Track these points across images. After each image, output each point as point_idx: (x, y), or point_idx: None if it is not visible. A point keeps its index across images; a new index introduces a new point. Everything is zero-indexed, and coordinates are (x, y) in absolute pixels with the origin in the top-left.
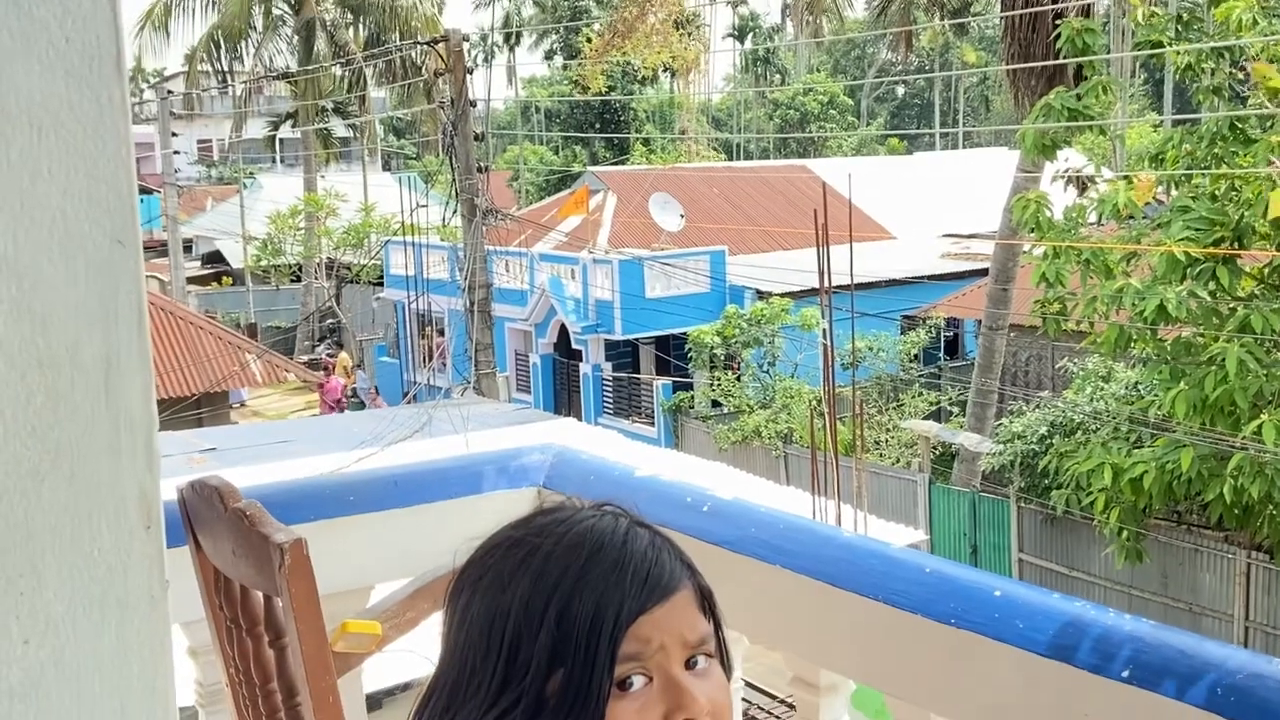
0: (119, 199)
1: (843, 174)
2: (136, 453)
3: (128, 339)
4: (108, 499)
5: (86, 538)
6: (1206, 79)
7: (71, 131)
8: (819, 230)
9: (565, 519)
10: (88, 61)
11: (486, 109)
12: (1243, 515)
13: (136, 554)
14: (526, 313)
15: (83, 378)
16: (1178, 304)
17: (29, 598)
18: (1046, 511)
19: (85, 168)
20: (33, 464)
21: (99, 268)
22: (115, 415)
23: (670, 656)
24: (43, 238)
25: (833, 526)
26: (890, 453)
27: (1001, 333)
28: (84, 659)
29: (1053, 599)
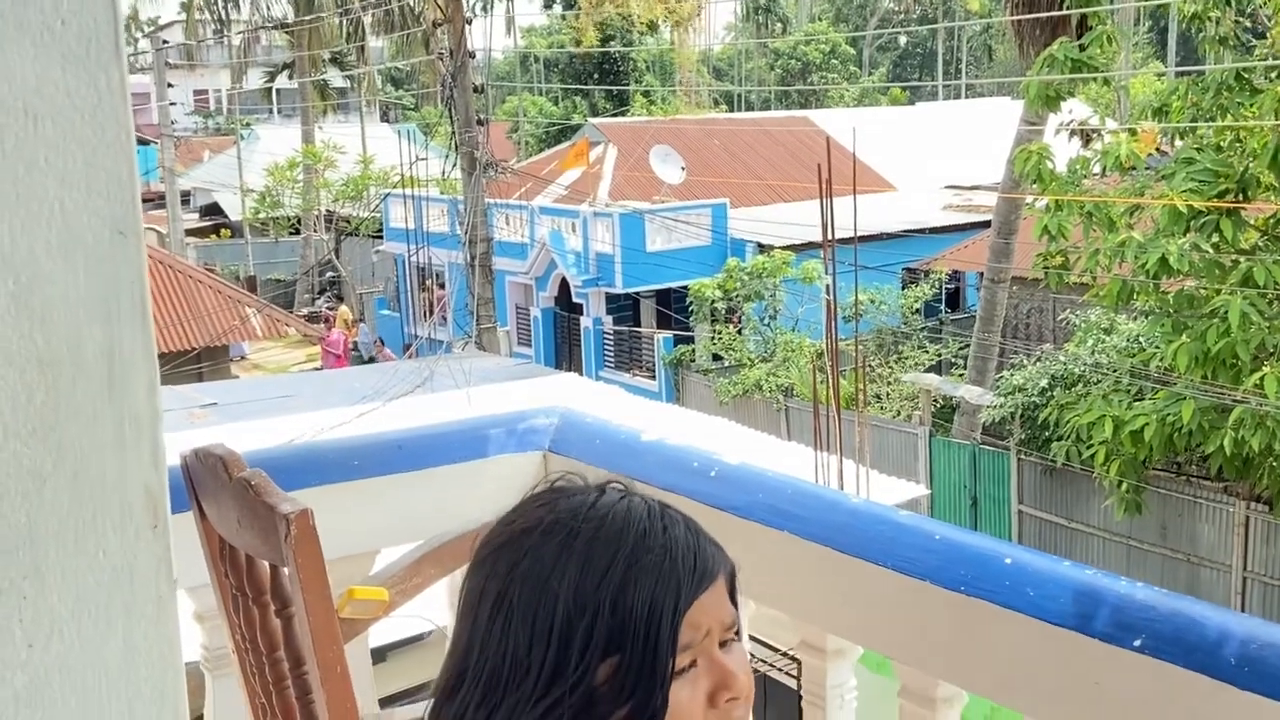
0: (119, 187)
1: (845, 125)
2: (142, 450)
3: (131, 333)
4: (113, 499)
5: (91, 539)
6: (1212, 28)
7: (69, 119)
8: (822, 183)
9: (596, 501)
10: (85, 45)
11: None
12: (1243, 467)
13: (143, 555)
14: (527, 266)
15: (84, 375)
16: (1180, 256)
17: (33, 601)
18: (1047, 464)
19: (84, 156)
20: (34, 464)
21: (99, 260)
22: (119, 413)
23: (713, 640)
24: (40, 230)
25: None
26: (891, 406)
27: (1003, 286)
28: (90, 663)
29: (1064, 566)
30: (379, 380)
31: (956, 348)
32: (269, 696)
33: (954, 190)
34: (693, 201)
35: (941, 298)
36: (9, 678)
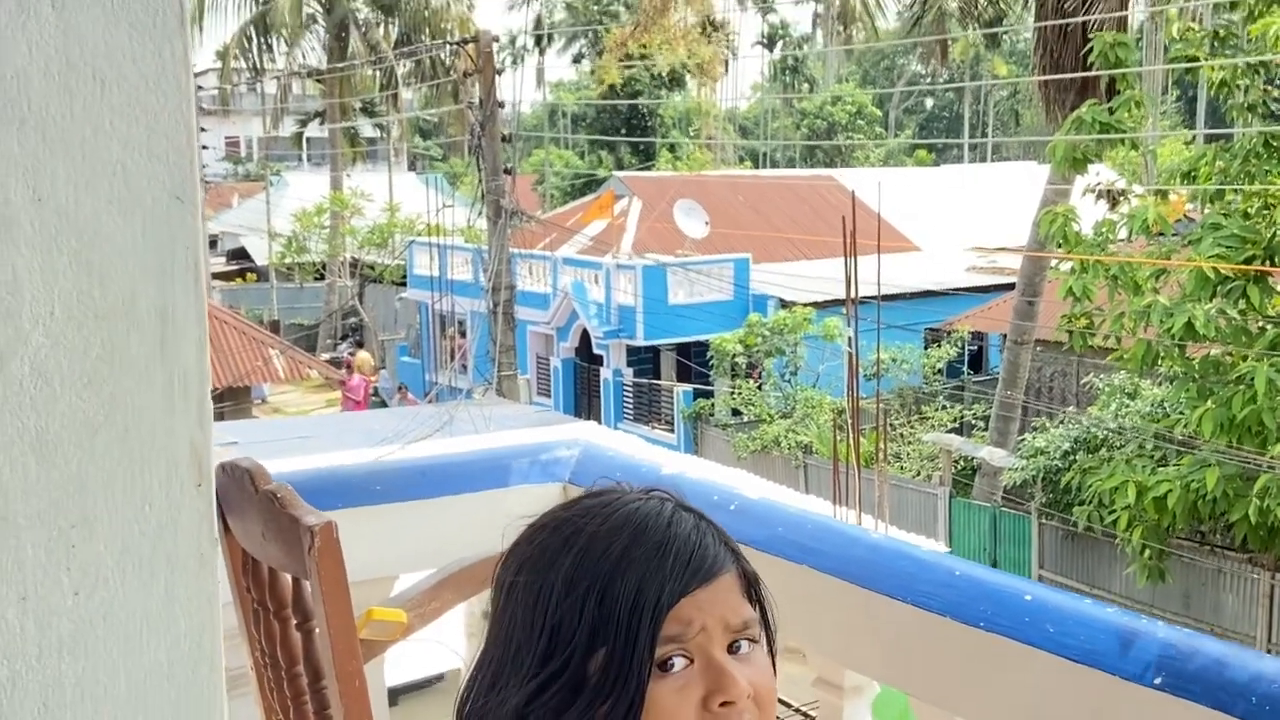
0: (179, 154)
1: (869, 184)
2: (190, 408)
3: (184, 293)
4: (161, 454)
5: (139, 492)
6: (1240, 96)
7: (134, 84)
8: (847, 239)
9: (611, 501)
10: (151, 14)
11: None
12: (1268, 537)
13: (187, 510)
14: (549, 316)
15: (138, 331)
16: (1206, 321)
17: (80, 550)
18: (1068, 528)
19: (146, 121)
20: (87, 416)
21: (157, 222)
22: (170, 370)
23: (712, 639)
24: (103, 191)
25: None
26: (911, 466)
27: (1027, 347)
28: (132, 613)
29: (1085, 604)
30: (399, 423)
31: (979, 409)
32: (287, 712)
33: (978, 251)
34: (715, 256)
35: (964, 358)
36: (55, 624)
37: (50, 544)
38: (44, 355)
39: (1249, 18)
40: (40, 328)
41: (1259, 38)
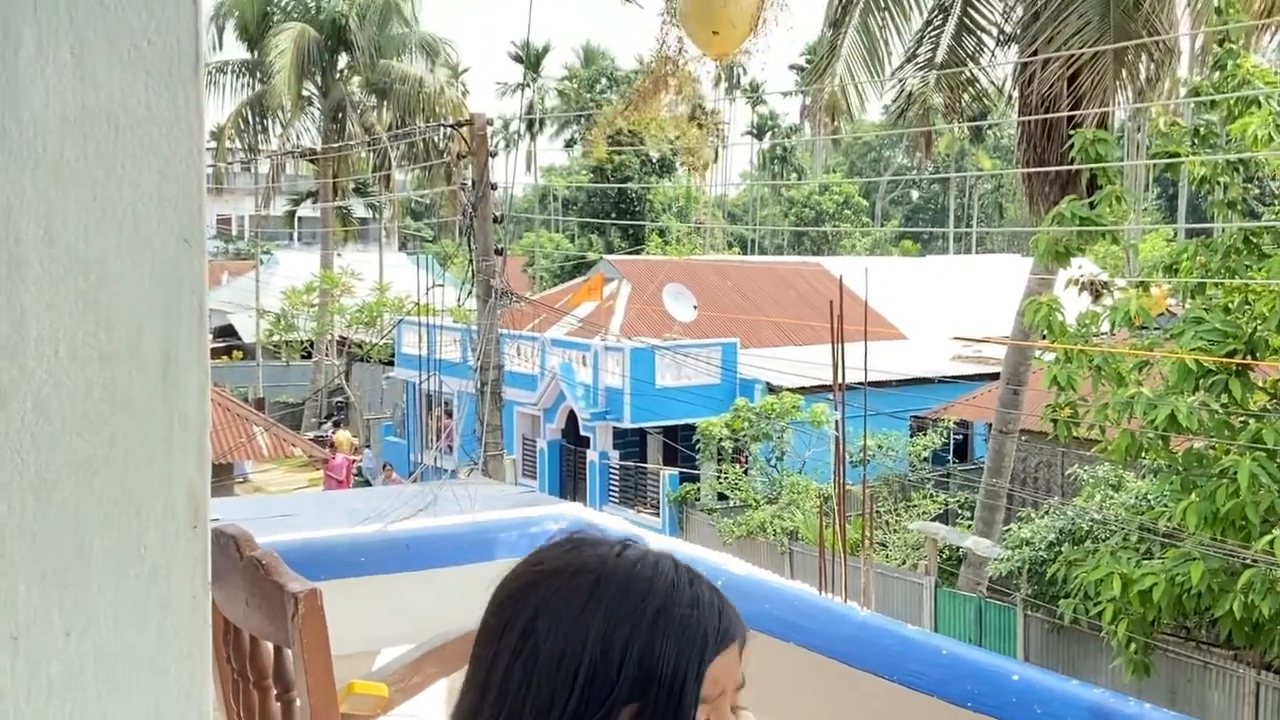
0: (188, 199)
1: (857, 271)
2: (189, 451)
3: (188, 337)
4: (158, 495)
5: (134, 533)
6: (1221, 192)
7: (147, 130)
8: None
9: (621, 552)
10: (167, 64)
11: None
12: (1253, 633)
13: (182, 553)
14: (536, 397)
15: (142, 373)
16: (1189, 414)
17: (74, 590)
18: (1054, 620)
19: (158, 166)
20: (87, 456)
21: (165, 265)
22: (170, 412)
23: (727, 700)
24: (112, 232)
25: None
26: (897, 554)
27: (1012, 436)
28: (123, 655)
29: (1072, 685)
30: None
31: (963, 498)
32: None
33: (963, 341)
34: (703, 340)
35: (950, 447)
36: (45, 665)
37: (44, 583)
38: (47, 394)
39: (1228, 117)
40: (44, 366)
41: (1238, 136)
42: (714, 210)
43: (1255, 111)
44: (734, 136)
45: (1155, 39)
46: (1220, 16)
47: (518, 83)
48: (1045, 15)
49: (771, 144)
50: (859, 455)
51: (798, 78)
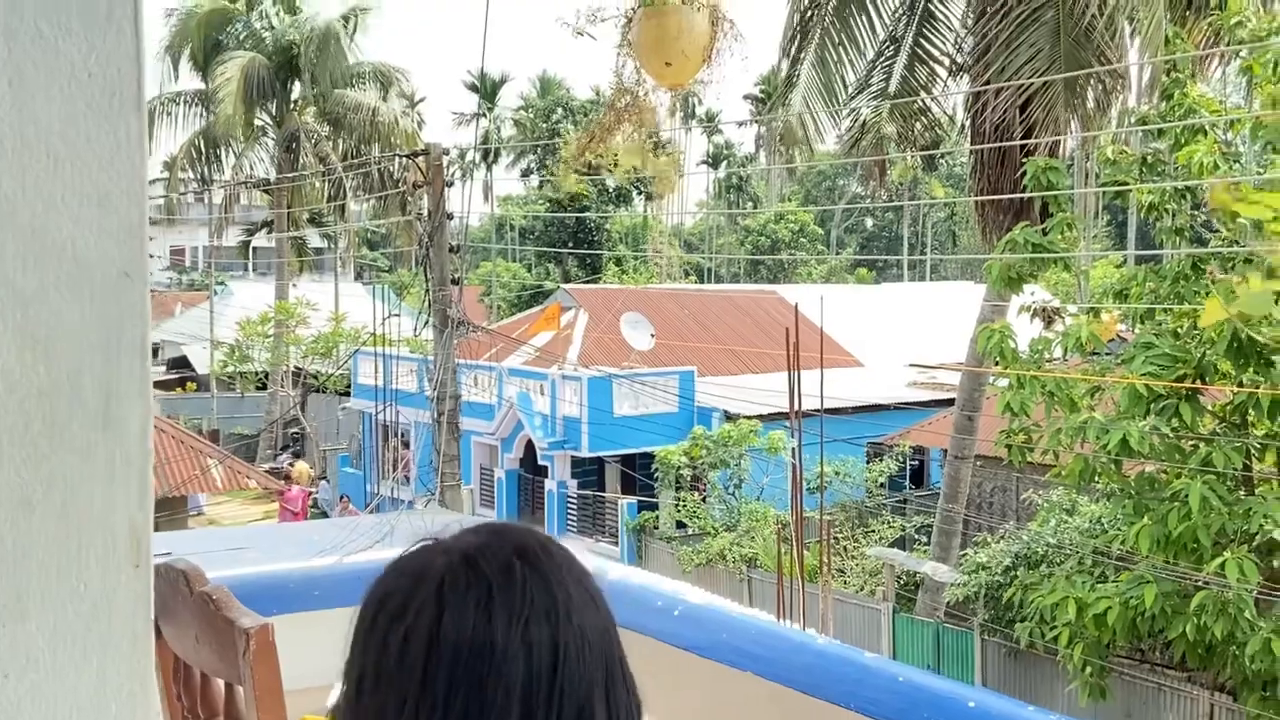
0: (129, 232)
1: (812, 299)
2: (130, 487)
3: (130, 371)
4: (99, 532)
5: (74, 571)
6: (1169, 219)
7: (87, 163)
8: (790, 352)
9: (558, 548)
10: (108, 96)
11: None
12: (1206, 654)
13: (124, 591)
14: (493, 427)
15: (82, 408)
16: (1141, 438)
17: (11, 630)
18: (1010, 645)
19: (98, 199)
20: (25, 493)
21: (105, 299)
22: (112, 447)
23: None
24: (51, 266)
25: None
26: (855, 580)
27: (967, 462)
28: (63, 697)
29: (1028, 711)
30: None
31: (920, 523)
32: None
33: (918, 368)
34: (661, 368)
35: (906, 473)
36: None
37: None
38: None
39: (1175, 145)
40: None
41: (1185, 164)
42: (670, 239)
43: (1201, 140)
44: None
45: (1105, 69)
46: (1168, 46)
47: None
48: (996, 45)
49: (727, 173)
50: (816, 482)
51: (752, 107)
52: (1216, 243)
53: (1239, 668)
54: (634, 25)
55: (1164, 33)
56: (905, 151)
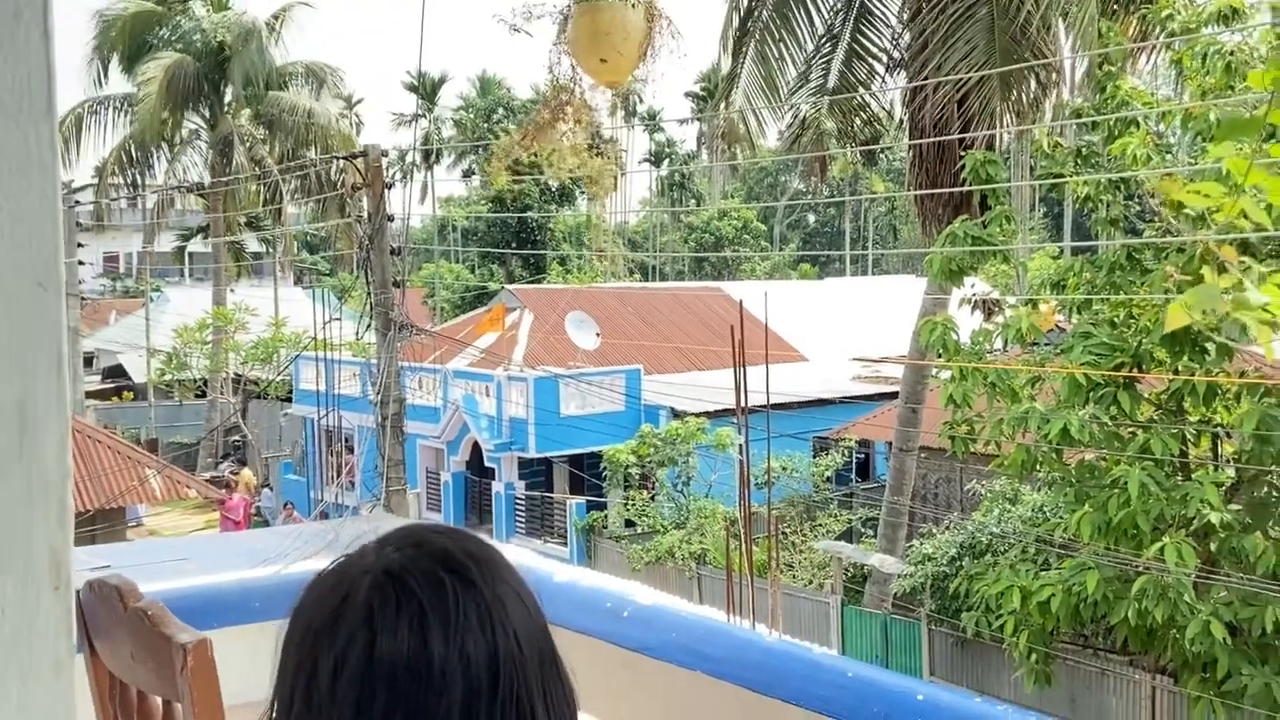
0: (43, 241)
1: (756, 296)
2: (49, 509)
3: (45, 386)
4: (16, 556)
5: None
6: (1104, 211)
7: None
8: (735, 349)
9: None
10: (17, 99)
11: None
12: (1147, 638)
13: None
14: (439, 430)
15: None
16: (1080, 427)
17: None
18: (957, 634)
19: (8, 207)
20: None
21: (18, 311)
22: (28, 468)
23: None
24: None
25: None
26: (803, 574)
27: (912, 454)
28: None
29: (975, 703)
30: (282, 542)
31: (866, 515)
32: None
33: (862, 361)
34: (607, 367)
35: (852, 466)
36: None
37: None
38: None
39: (1109, 138)
40: None
41: (1118, 156)
42: (615, 238)
43: (1134, 132)
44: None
45: (1039, 63)
46: (1100, 40)
47: (413, 113)
48: (933, 41)
49: (670, 171)
50: (763, 477)
51: (693, 105)
52: (1150, 233)
53: (1179, 651)
54: (569, 21)
55: (1096, 27)
56: (845, 147)
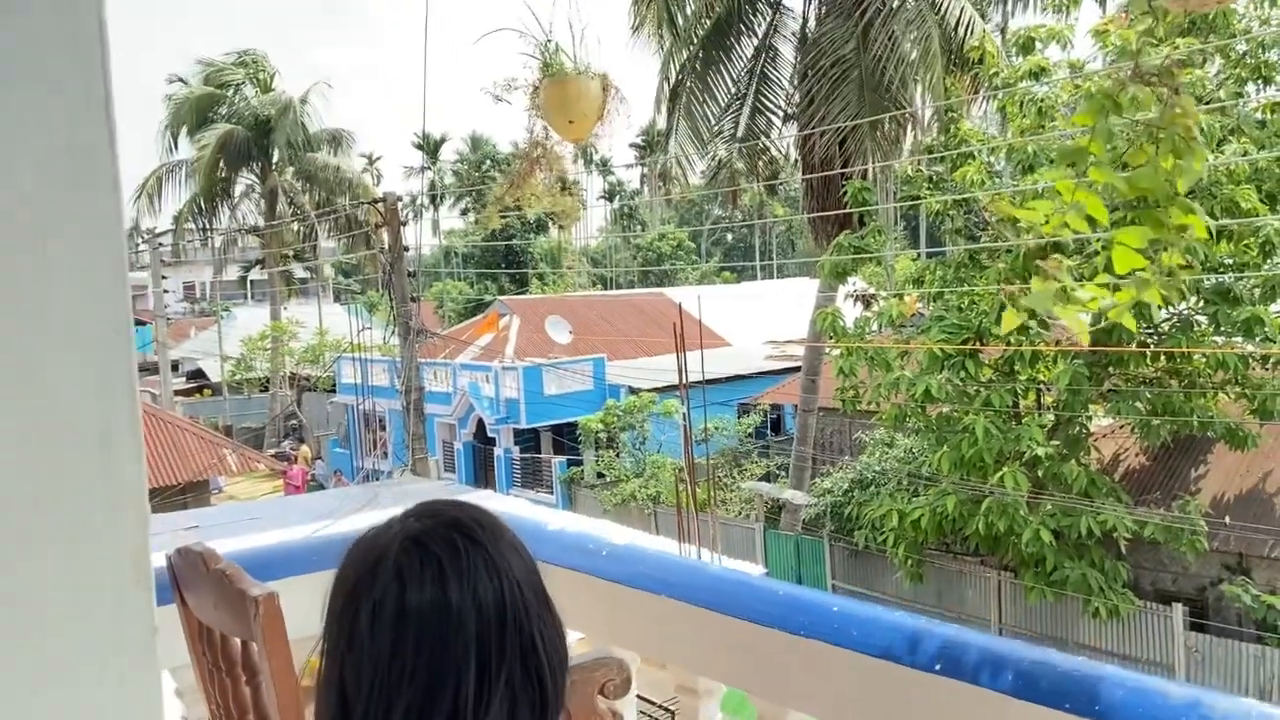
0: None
1: (691, 299)
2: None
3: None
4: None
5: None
6: (950, 223)
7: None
8: (677, 340)
9: (485, 517)
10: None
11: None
12: (993, 544)
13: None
14: (451, 410)
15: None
16: (939, 388)
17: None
18: (852, 547)
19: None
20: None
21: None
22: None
23: None
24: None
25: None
26: (735, 508)
27: (813, 414)
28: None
29: (879, 610)
30: (332, 502)
31: (780, 461)
32: None
33: (773, 344)
34: (579, 357)
35: (768, 425)
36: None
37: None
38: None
39: (953, 167)
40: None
41: (960, 180)
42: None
43: (971, 162)
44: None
45: (899, 113)
46: (945, 93)
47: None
48: (818, 98)
49: (620, 204)
50: (702, 436)
51: (636, 153)
52: (985, 239)
53: (1017, 552)
54: (540, 92)
55: (941, 83)
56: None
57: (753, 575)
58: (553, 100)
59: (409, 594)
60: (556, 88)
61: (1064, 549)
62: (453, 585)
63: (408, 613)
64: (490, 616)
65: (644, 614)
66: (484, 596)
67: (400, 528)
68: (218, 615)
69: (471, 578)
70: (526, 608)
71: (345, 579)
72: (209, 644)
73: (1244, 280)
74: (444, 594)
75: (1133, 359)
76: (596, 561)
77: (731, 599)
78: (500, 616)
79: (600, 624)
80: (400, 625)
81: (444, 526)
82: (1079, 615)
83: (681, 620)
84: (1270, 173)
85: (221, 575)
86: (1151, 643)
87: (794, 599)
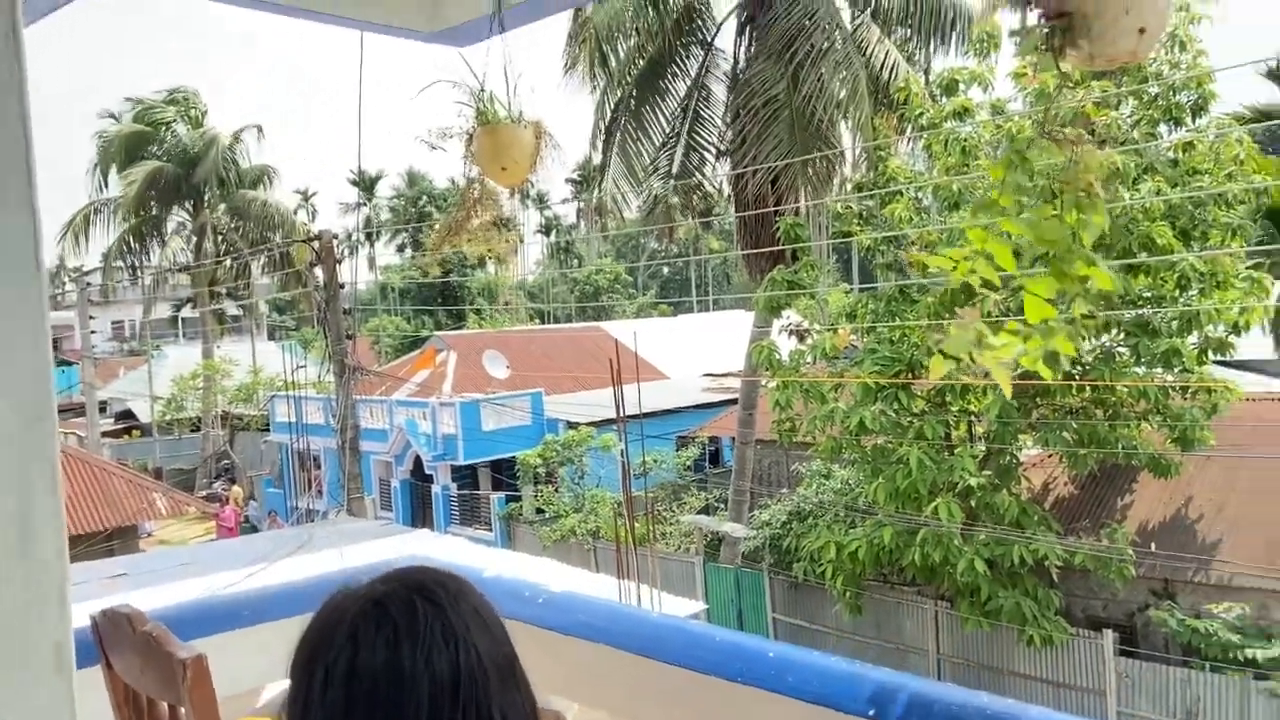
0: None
1: (628, 332)
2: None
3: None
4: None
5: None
6: (880, 258)
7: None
8: (614, 374)
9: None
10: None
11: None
12: (929, 574)
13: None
14: (387, 447)
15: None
16: (873, 419)
17: None
18: (791, 580)
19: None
20: None
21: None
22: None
23: None
24: None
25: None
26: (674, 541)
27: (750, 446)
28: None
29: (815, 655)
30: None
31: (719, 494)
32: None
33: (710, 376)
34: (516, 392)
35: (706, 457)
36: None
37: None
38: None
39: (882, 203)
40: None
41: (890, 217)
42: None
43: (900, 198)
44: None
45: (829, 152)
46: (873, 132)
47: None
48: (750, 136)
49: (557, 239)
50: (640, 469)
51: (572, 188)
52: (915, 274)
53: (953, 582)
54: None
55: (870, 122)
56: (687, 218)
57: (691, 622)
58: (487, 148)
59: (360, 656)
60: (490, 136)
61: (998, 578)
62: (405, 650)
63: (359, 674)
64: (445, 682)
65: (581, 662)
66: (438, 663)
67: (366, 590)
68: (144, 679)
69: (426, 643)
70: (487, 680)
71: (306, 640)
72: (135, 708)
73: (1160, 314)
74: (397, 657)
75: (1059, 390)
76: (533, 609)
77: (669, 646)
78: (454, 686)
79: (537, 672)
80: (352, 686)
81: (406, 589)
82: (1014, 643)
83: (619, 668)
84: (1183, 209)
85: (148, 638)
86: (1084, 669)
87: (731, 645)
